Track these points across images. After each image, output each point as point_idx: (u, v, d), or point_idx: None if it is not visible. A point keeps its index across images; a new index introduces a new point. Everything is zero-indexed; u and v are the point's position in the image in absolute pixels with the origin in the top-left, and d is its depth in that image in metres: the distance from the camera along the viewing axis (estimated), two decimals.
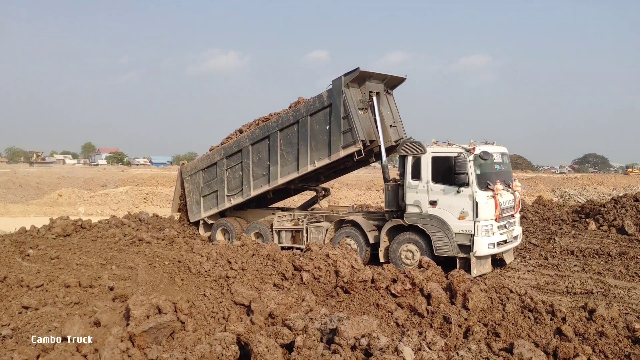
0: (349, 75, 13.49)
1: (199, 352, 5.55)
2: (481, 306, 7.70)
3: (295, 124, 14.54)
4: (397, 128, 15.00)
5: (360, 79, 13.81)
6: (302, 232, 14.89)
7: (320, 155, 14.11)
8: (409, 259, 12.45)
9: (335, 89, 13.61)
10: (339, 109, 13.52)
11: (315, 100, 14.10)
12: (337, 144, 13.66)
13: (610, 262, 13.39)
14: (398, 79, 15.06)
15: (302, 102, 14.68)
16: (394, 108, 15.19)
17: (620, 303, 9.87)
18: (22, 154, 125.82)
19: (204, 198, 17.14)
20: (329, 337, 6.00)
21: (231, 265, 9.15)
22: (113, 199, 34.40)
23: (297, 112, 14.52)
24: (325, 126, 13.91)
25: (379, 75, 14.26)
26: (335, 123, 13.68)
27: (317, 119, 14.11)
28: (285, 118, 14.76)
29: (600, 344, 6.66)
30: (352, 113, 13.33)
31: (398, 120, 15.11)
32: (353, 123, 13.29)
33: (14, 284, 9.29)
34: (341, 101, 13.45)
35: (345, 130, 13.48)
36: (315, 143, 14.15)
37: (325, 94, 13.89)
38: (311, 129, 14.19)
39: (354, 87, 13.74)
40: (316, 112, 14.09)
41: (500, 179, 12.05)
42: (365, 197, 35.82)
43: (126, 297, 8.23)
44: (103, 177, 53.21)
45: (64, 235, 15.30)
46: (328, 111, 13.83)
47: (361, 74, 13.60)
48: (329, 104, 13.77)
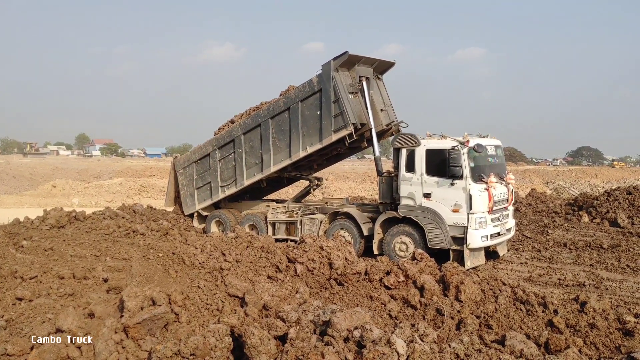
0: (338, 59, 13.54)
1: (192, 344, 5.57)
2: (474, 298, 7.75)
3: (286, 110, 14.58)
4: (388, 112, 15.05)
5: (350, 63, 13.85)
6: (297, 224, 14.90)
7: (312, 140, 14.16)
8: (402, 251, 12.50)
9: (325, 73, 13.66)
10: (329, 93, 13.57)
11: (306, 86, 14.15)
12: (329, 128, 13.71)
13: (602, 255, 13.47)
14: (387, 64, 15.10)
15: (292, 90, 14.71)
16: (385, 93, 15.24)
17: (612, 295, 9.95)
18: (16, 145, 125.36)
19: (197, 190, 17.13)
20: (322, 329, 6.04)
21: (225, 257, 9.15)
22: (107, 190, 34.26)
23: (287, 99, 14.56)
24: (316, 111, 13.96)
25: (368, 60, 14.29)
26: (326, 107, 13.73)
27: (307, 105, 14.16)
28: (276, 105, 14.80)
29: (591, 336, 6.72)
30: (342, 97, 13.37)
31: (389, 105, 15.15)
32: (344, 106, 13.33)
33: (7, 276, 9.27)
34: (331, 85, 13.49)
35: (336, 114, 13.53)
36: (307, 129, 14.20)
37: (315, 79, 13.94)
38: (302, 115, 14.24)
39: (343, 72, 13.79)
40: (307, 97, 14.14)
41: (494, 172, 12.08)
42: (360, 189, 35.82)
43: (120, 289, 8.22)
44: (97, 168, 53.07)
45: (58, 226, 15.32)
46: (318, 96, 13.89)
47: (350, 57, 13.64)
48: (319, 89, 13.82)
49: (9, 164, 53.37)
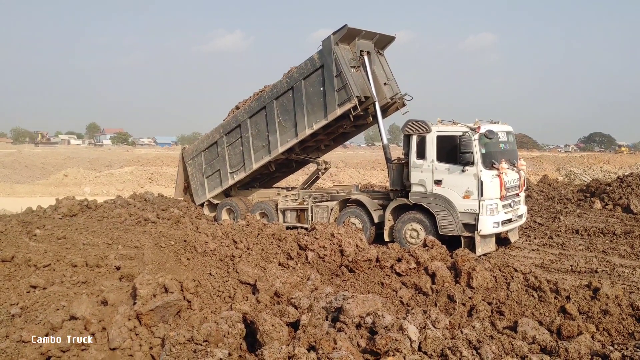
0: (338, 33, 13.54)
1: (205, 331, 5.60)
2: (485, 285, 7.73)
3: (289, 90, 14.62)
4: (392, 85, 15.03)
5: (350, 37, 13.83)
6: (307, 212, 14.93)
7: (317, 117, 14.21)
8: (413, 238, 12.48)
9: (326, 48, 13.68)
10: (331, 67, 13.59)
11: (307, 63, 14.17)
12: (333, 103, 13.74)
13: (615, 241, 13.38)
14: (388, 38, 15.05)
15: (294, 70, 14.72)
16: (387, 67, 15.20)
17: (625, 282, 9.88)
18: (27, 135, 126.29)
19: (207, 179, 17.19)
20: (334, 315, 6.05)
21: (237, 245, 9.17)
22: (118, 179, 34.46)
23: (290, 78, 14.60)
24: (320, 87, 13.99)
25: (368, 34, 14.26)
26: (328, 83, 13.76)
27: (310, 82, 14.20)
28: (280, 86, 14.85)
29: (604, 322, 6.69)
30: (344, 70, 13.39)
31: (391, 79, 15.11)
32: (346, 80, 13.34)
33: (21, 264, 9.35)
34: (332, 60, 13.51)
35: (339, 87, 13.55)
36: (312, 106, 14.23)
37: (316, 56, 13.96)
38: (306, 93, 14.28)
39: (344, 46, 13.79)
40: (309, 75, 14.17)
41: (505, 158, 12.00)
42: (370, 176, 35.76)
43: (133, 277, 8.27)
44: (108, 157, 53.35)
45: (70, 215, 15.43)
46: (321, 72, 13.92)
47: (350, 31, 13.62)
48: (321, 65, 13.84)
49: (21, 154, 53.80)
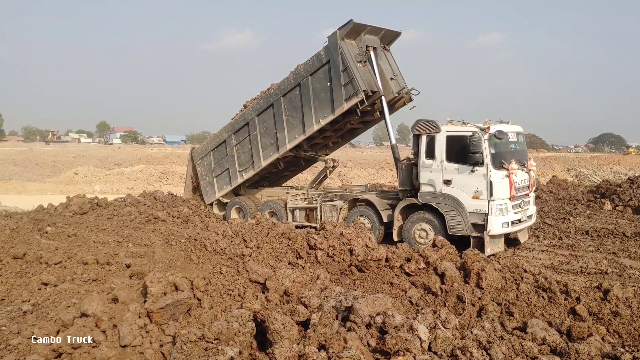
0: (344, 28, 13.61)
1: (216, 329, 5.63)
2: (495, 285, 7.71)
3: (296, 87, 14.70)
4: (398, 80, 15.07)
5: (355, 32, 13.90)
6: (316, 211, 14.96)
7: (325, 112, 14.27)
8: (422, 238, 12.47)
9: (332, 44, 13.75)
10: (338, 62, 13.65)
11: (314, 59, 14.24)
12: (340, 98, 13.79)
13: (625, 243, 13.31)
14: (393, 34, 15.08)
15: (300, 67, 14.78)
16: (393, 63, 15.24)
17: (635, 283, 9.83)
18: (38, 133, 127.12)
19: (216, 178, 17.27)
20: (344, 314, 6.07)
21: (246, 244, 9.20)
22: (128, 177, 34.67)
23: (297, 75, 14.67)
24: (326, 83, 14.05)
25: (373, 29, 14.30)
26: (335, 78, 13.82)
27: (317, 78, 14.25)
28: (287, 83, 14.93)
29: (614, 324, 6.66)
30: (351, 65, 13.45)
31: (398, 74, 15.15)
32: (353, 74, 13.40)
33: (33, 261, 9.43)
34: (339, 55, 13.58)
35: (345, 82, 13.60)
36: (319, 101, 14.29)
37: (322, 52, 14.03)
38: (313, 89, 14.34)
39: (350, 41, 13.87)
40: (316, 70, 14.23)
41: (515, 158, 11.97)
42: (379, 176, 35.76)
43: (143, 275, 8.32)
44: (118, 155, 53.63)
45: (81, 213, 15.53)
46: (327, 68, 13.98)
47: (355, 26, 13.69)
48: (327, 60, 13.91)
49: (32, 152, 54.15)
